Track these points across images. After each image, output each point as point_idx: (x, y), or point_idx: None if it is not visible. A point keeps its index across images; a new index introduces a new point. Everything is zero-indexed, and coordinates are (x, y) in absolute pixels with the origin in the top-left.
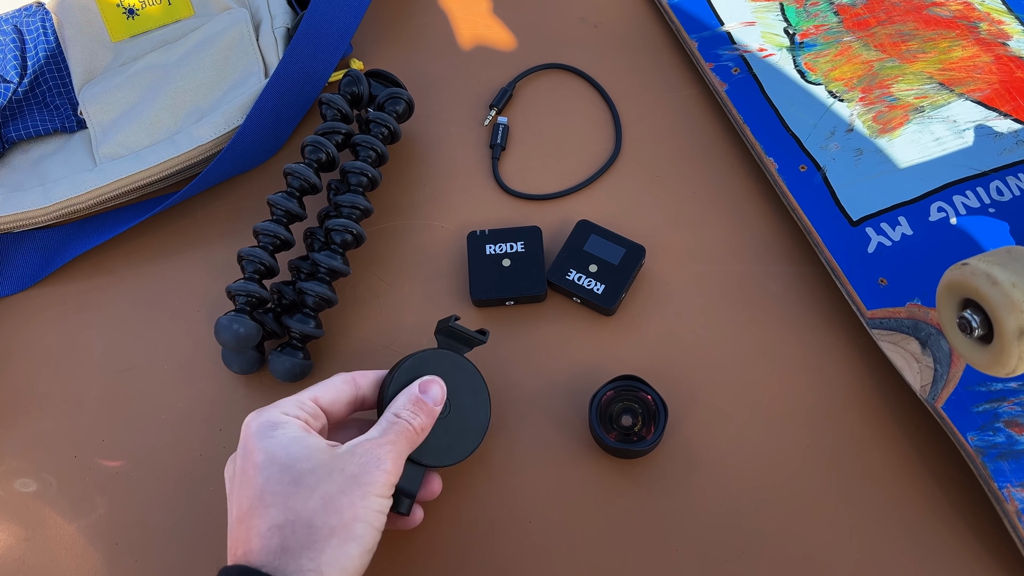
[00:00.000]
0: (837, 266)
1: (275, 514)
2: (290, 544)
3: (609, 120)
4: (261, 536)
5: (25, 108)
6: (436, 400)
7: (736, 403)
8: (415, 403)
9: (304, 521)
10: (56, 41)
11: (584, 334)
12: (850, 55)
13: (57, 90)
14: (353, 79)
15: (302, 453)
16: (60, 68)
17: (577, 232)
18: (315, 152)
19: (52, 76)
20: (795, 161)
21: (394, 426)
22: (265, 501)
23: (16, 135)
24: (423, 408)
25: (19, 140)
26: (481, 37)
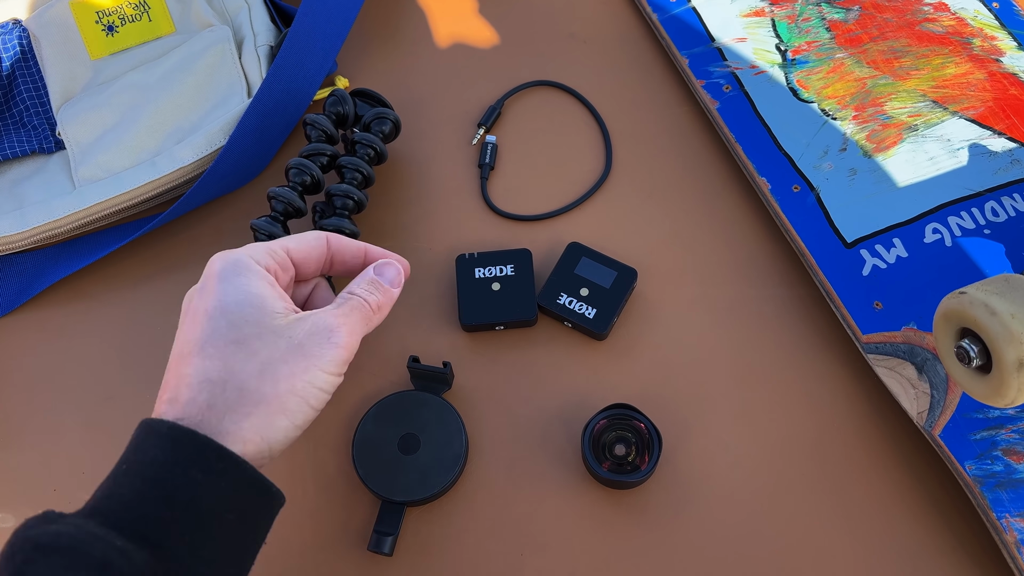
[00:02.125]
0: (832, 289)
1: (210, 367)
2: (217, 402)
3: (599, 138)
4: (191, 387)
5: (1, 129)
6: (392, 281)
7: (731, 430)
8: (371, 282)
9: (237, 383)
10: (34, 59)
11: (576, 359)
12: (843, 72)
13: (35, 110)
14: (338, 99)
15: (254, 315)
16: (38, 87)
17: (568, 255)
18: (299, 175)
19: (29, 95)
20: (788, 181)
21: (349, 301)
22: (205, 352)
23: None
24: (379, 287)
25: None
26: (469, 54)
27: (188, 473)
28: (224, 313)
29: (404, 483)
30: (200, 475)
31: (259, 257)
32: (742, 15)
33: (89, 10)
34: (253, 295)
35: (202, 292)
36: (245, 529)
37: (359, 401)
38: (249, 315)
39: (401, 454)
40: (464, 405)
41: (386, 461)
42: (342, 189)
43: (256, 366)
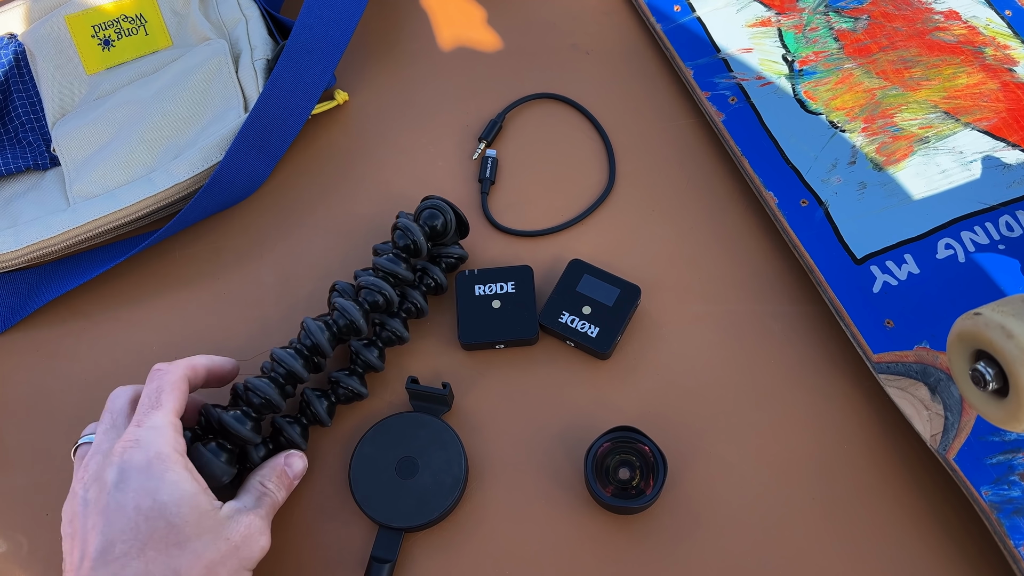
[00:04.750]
0: (841, 306)
1: (155, 572)
2: None
3: (602, 152)
4: None
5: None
6: (296, 474)
7: (738, 451)
8: (279, 475)
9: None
10: (29, 74)
11: (578, 379)
12: (851, 83)
13: (30, 125)
14: (437, 211)
15: (192, 516)
16: (33, 102)
17: (569, 272)
18: (371, 295)
19: (24, 111)
20: (796, 195)
21: (266, 497)
22: (146, 556)
23: None
24: (285, 482)
25: None
26: (470, 66)
27: None
28: (163, 514)
29: (402, 508)
30: None
31: (177, 443)
32: (748, 25)
33: (85, 24)
34: (187, 493)
35: (123, 486)
36: None
37: (356, 423)
38: (188, 516)
39: (399, 478)
40: (464, 427)
41: (384, 485)
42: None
43: (201, 569)
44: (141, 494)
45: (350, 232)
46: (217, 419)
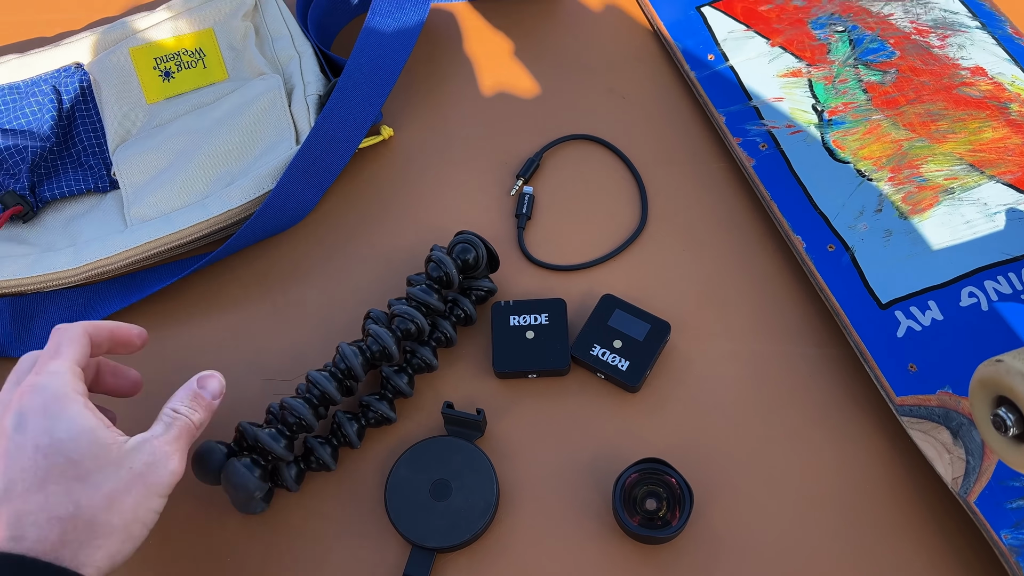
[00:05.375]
0: (866, 350)
1: (56, 505)
2: (70, 539)
3: (635, 192)
4: (38, 525)
5: (59, 167)
6: (214, 393)
7: (763, 488)
8: (193, 398)
9: (87, 517)
10: (93, 101)
11: (607, 411)
12: (879, 134)
13: (92, 150)
14: (469, 246)
15: (92, 449)
16: (95, 128)
17: (602, 306)
18: (404, 323)
19: (87, 135)
20: (823, 240)
21: (176, 422)
22: (47, 490)
23: (50, 194)
24: (201, 403)
25: (52, 199)
26: (509, 106)
27: None
28: (60, 450)
29: (435, 529)
30: None
31: (74, 384)
32: (779, 75)
33: (148, 56)
34: (85, 428)
35: (21, 428)
36: None
37: (392, 444)
38: (86, 450)
39: (433, 499)
40: (495, 452)
41: (418, 506)
42: (426, 356)
43: (102, 500)
44: (39, 433)
45: (388, 261)
46: (253, 436)
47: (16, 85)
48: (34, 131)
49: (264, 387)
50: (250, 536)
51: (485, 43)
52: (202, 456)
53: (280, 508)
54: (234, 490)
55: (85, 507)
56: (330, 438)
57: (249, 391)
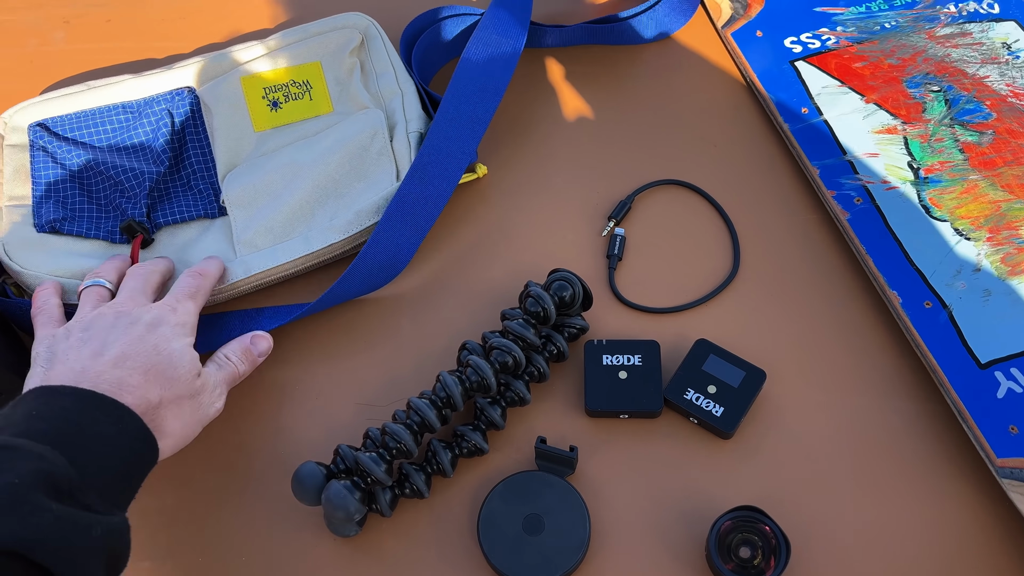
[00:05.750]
0: (964, 409)
1: (150, 391)
2: (148, 419)
3: (726, 238)
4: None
5: (171, 192)
6: (261, 352)
7: (857, 542)
8: (244, 351)
9: (162, 412)
10: (203, 126)
11: (699, 456)
12: (976, 194)
13: (201, 174)
14: (567, 283)
15: (183, 369)
16: (205, 153)
17: (696, 351)
18: (502, 356)
19: (197, 160)
20: (920, 296)
21: (225, 367)
22: (147, 376)
23: (163, 220)
24: (249, 356)
25: (166, 224)
26: (601, 149)
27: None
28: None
29: (527, 563)
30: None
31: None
32: (874, 131)
33: (257, 86)
34: (189, 357)
35: (153, 329)
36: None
37: (482, 476)
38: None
39: (525, 534)
40: (586, 490)
41: (510, 539)
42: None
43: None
44: (162, 340)
45: (480, 295)
46: (353, 459)
47: (129, 104)
48: (149, 153)
49: (358, 412)
50: (342, 559)
51: (579, 88)
52: (302, 477)
53: (372, 533)
54: (333, 511)
55: (165, 404)
56: (424, 466)
57: (344, 414)
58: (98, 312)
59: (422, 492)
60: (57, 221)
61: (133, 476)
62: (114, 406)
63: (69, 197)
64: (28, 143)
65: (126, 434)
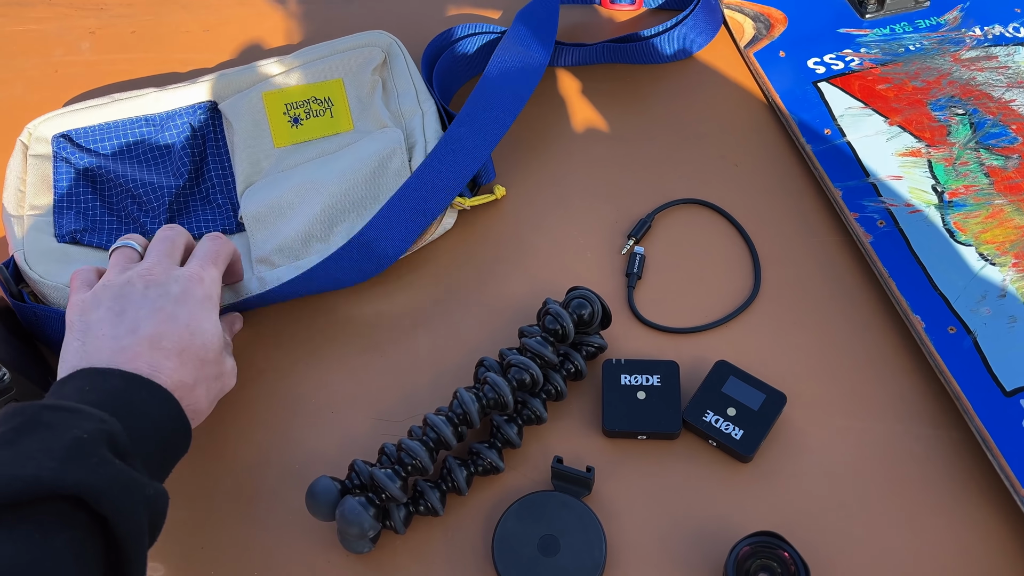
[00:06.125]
0: (989, 437)
1: (185, 373)
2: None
3: (747, 259)
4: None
5: (191, 205)
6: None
7: (876, 571)
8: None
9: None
10: (223, 140)
11: (718, 479)
12: (1002, 218)
13: (220, 188)
14: (586, 301)
15: (212, 348)
16: (224, 167)
17: (715, 372)
18: (520, 373)
19: (217, 174)
20: (944, 322)
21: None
22: (182, 358)
23: None
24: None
25: None
26: (621, 168)
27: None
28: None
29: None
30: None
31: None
32: (898, 154)
33: (279, 102)
34: (218, 333)
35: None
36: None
37: (497, 494)
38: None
39: (540, 554)
40: (602, 511)
41: (525, 559)
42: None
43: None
44: (193, 316)
45: (499, 312)
46: (368, 475)
47: (151, 117)
48: (170, 166)
49: (374, 427)
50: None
51: (599, 106)
52: (317, 492)
53: (385, 549)
54: (347, 527)
55: (198, 385)
56: (439, 483)
57: (359, 429)
58: (127, 279)
59: (437, 510)
60: (78, 232)
61: (169, 456)
62: (157, 389)
63: (89, 209)
64: (52, 154)
65: (166, 416)
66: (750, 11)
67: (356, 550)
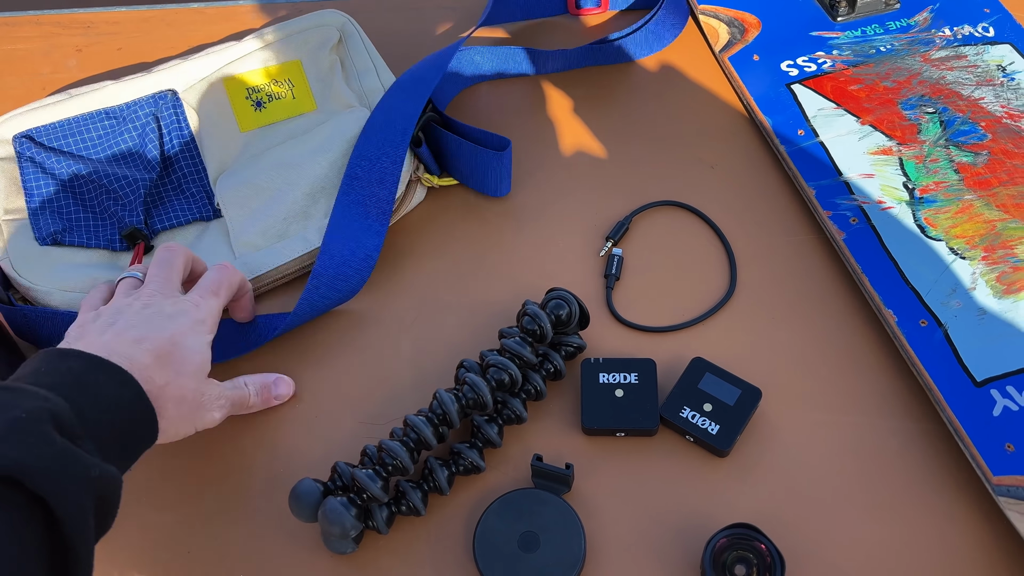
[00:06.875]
0: (960, 427)
1: (158, 376)
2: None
3: (723, 259)
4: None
5: (165, 196)
6: (279, 396)
7: (854, 561)
8: (263, 386)
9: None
10: (189, 128)
11: (695, 474)
12: (972, 213)
13: (192, 178)
14: (563, 302)
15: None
16: (194, 156)
17: (692, 369)
18: (498, 373)
19: (187, 163)
20: (915, 315)
21: (239, 390)
22: (159, 362)
23: (161, 225)
24: (265, 394)
25: (163, 230)
26: (600, 172)
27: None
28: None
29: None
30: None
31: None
32: (870, 152)
33: (240, 86)
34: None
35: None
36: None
37: (478, 494)
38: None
39: (521, 551)
40: (582, 508)
41: (506, 556)
42: (516, 407)
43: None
44: (179, 330)
45: (480, 315)
46: (349, 475)
47: (112, 110)
48: (140, 159)
49: (357, 429)
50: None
51: (577, 111)
52: (299, 493)
53: (369, 550)
54: (330, 527)
55: (169, 390)
56: (421, 483)
57: (342, 432)
58: (127, 301)
59: (419, 510)
60: (58, 233)
61: (129, 441)
62: (117, 371)
63: (64, 208)
64: (15, 155)
65: (126, 398)
66: (724, 16)
67: (340, 551)
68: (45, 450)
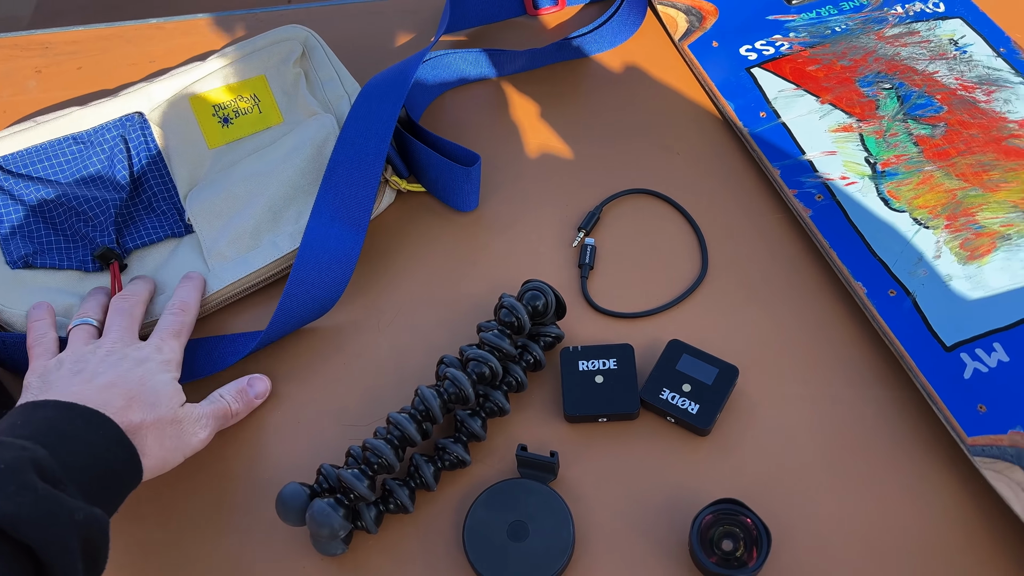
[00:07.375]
0: (934, 392)
1: (134, 415)
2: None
3: (694, 243)
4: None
5: (135, 215)
6: (258, 393)
7: (837, 530)
8: (240, 391)
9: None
10: (157, 148)
11: (678, 453)
12: (932, 184)
13: (162, 196)
14: (539, 292)
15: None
16: (163, 174)
17: (669, 351)
18: (479, 367)
19: (157, 182)
20: (884, 286)
21: (217, 403)
22: (130, 403)
23: (132, 244)
24: (244, 397)
25: (135, 248)
26: (569, 163)
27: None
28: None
29: (513, 569)
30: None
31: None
32: (831, 130)
33: (206, 104)
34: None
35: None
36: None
37: (466, 487)
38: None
39: (510, 540)
40: (568, 495)
41: (496, 547)
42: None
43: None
44: (147, 374)
45: (458, 312)
46: (335, 477)
47: (79, 136)
48: (109, 181)
49: (341, 432)
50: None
51: (544, 108)
52: (286, 497)
53: (359, 550)
54: (318, 529)
55: (146, 426)
56: (407, 480)
57: (326, 434)
58: (89, 349)
59: (407, 507)
60: (29, 255)
61: (113, 483)
62: (94, 414)
63: (35, 231)
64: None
65: (106, 440)
66: (682, 5)
67: (330, 552)
68: (27, 496)
